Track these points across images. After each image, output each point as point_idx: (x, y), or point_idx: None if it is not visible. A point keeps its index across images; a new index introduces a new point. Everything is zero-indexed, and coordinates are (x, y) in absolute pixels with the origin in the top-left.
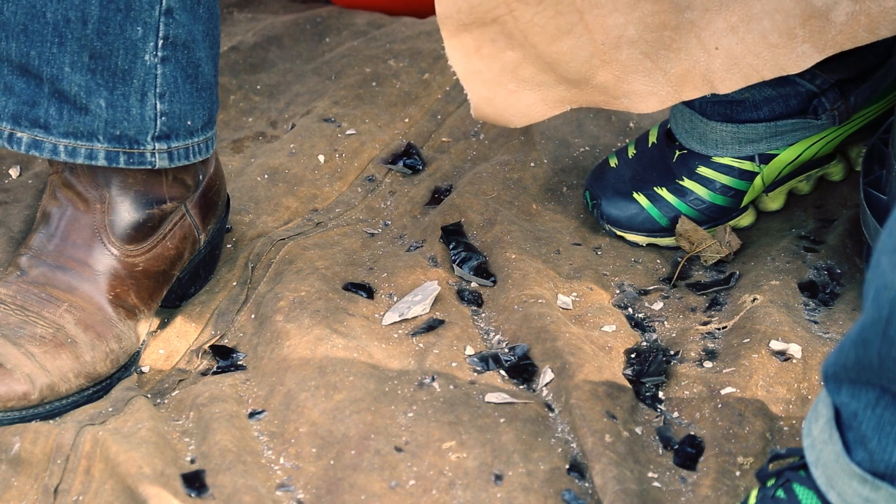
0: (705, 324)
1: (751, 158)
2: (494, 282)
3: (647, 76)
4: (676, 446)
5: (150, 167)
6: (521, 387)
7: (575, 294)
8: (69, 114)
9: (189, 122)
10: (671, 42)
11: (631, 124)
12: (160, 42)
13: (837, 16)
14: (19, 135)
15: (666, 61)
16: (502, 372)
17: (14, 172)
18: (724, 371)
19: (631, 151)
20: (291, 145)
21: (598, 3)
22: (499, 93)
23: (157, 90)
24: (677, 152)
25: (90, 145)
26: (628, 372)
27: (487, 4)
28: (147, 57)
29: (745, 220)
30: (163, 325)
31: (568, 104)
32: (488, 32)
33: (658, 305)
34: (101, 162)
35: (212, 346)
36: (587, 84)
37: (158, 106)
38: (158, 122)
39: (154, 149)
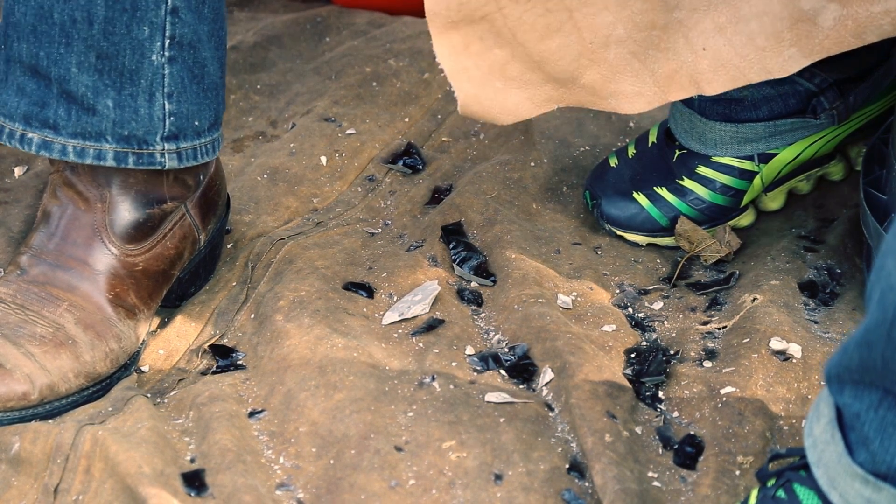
0: (705, 323)
1: (750, 158)
2: (494, 281)
3: (635, 77)
4: (676, 446)
5: (159, 168)
6: (521, 386)
7: (575, 293)
8: (77, 114)
9: (196, 123)
10: (659, 42)
11: (631, 124)
12: (167, 42)
13: (825, 20)
14: (30, 135)
15: (654, 62)
16: (502, 371)
17: (19, 171)
18: (723, 371)
19: (631, 151)
20: (291, 145)
21: (587, 1)
22: (486, 91)
23: (165, 90)
24: (677, 152)
25: (98, 146)
26: (628, 371)
27: (476, 2)
28: (154, 57)
29: (745, 219)
30: (163, 325)
31: (555, 103)
32: (477, 30)
33: (658, 305)
34: (110, 162)
35: (212, 346)
36: (575, 83)
37: (167, 106)
38: (167, 123)
39: (164, 149)
